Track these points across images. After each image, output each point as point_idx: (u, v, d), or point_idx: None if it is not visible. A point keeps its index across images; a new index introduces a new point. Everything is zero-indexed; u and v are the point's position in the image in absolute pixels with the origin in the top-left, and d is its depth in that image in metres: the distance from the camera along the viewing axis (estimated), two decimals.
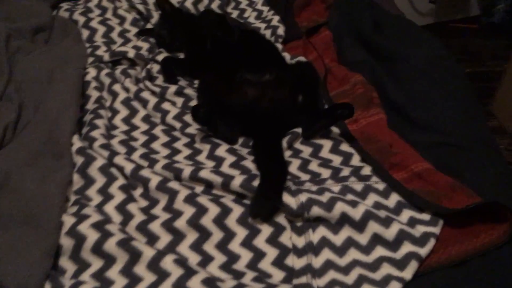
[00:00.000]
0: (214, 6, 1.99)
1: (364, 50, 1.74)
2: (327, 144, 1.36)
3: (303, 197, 1.11)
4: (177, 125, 1.42)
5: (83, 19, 1.84)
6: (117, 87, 1.52)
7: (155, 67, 1.71)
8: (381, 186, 1.21)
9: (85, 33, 1.80)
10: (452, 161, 1.28)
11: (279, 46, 1.77)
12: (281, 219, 1.13)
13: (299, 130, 1.39)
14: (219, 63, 1.57)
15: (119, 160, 1.24)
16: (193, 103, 1.54)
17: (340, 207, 1.10)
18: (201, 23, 1.73)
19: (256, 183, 1.15)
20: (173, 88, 1.57)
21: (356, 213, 1.09)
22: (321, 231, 1.10)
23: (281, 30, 1.84)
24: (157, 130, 1.42)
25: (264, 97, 1.41)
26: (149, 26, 1.93)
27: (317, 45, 1.79)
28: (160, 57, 1.73)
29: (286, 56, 1.71)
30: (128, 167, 1.22)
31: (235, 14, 2.05)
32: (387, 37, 1.79)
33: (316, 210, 1.09)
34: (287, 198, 1.11)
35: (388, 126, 1.38)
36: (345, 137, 1.38)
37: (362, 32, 1.81)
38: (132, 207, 1.14)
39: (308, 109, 1.41)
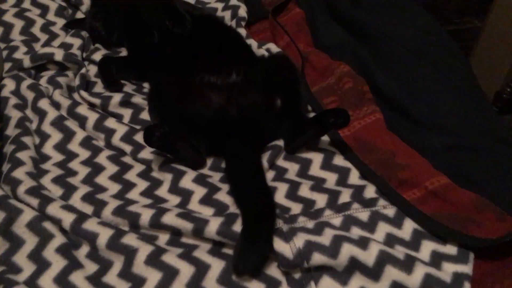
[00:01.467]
0: None
1: (342, 29, 1.49)
2: (316, 158, 1.12)
3: (299, 241, 0.88)
4: (127, 148, 1.14)
5: None
6: (44, 103, 1.21)
7: (92, 70, 1.40)
8: (391, 211, 0.99)
9: None
10: (468, 168, 1.07)
11: (243, 31, 1.49)
12: (274, 271, 0.90)
13: (280, 142, 1.14)
14: (171, 61, 1.28)
15: (53, 209, 0.96)
16: (145, 114, 1.25)
17: (347, 250, 0.88)
18: (143, 9, 1.41)
19: (237, 226, 0.90)
20: (117, 97, 1.28)
21: (369, 257, 0.87)
22: (326, 283, 0.87)
23: (242, 11, 1.56)
24: (102, 158, 1.14)
25: (231, 103, 1.15)
26: (79, 15, 1.59)
27: (288, 27, 1.53)
28: (97, 57, 1.42)
29: (253, 44, 1.43)
30: (67, 219, 0.94)
31: None
32: (367, 12, 1.54)
33: (317, 258, 0.87)
34: (279, 244, 0.88)
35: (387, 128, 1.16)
36: (337, 146, 1.15)
37: (338, 6, 1.55)
38: (76, 278, 0.87)
39: (289, 114, 1.16)
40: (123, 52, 1.47)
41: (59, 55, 1.33)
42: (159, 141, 1.03)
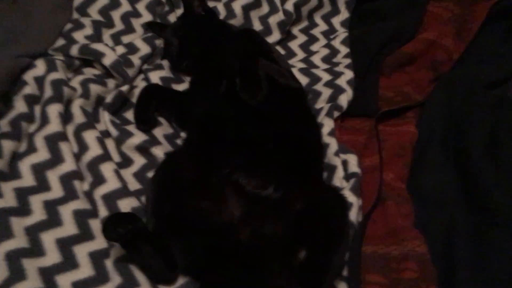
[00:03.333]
0: (273, 21, 1.39)
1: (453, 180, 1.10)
2: None
3: None
4: (103, 211, 0.90)
5: None
6: (53, 110, 1.02)
7: (140, 87, 1.18)
8: None
9: None
10: None
11: (329, 123, 1.16)
12: None
13: None
14: (215, 125, 1.01)
15: None
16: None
17: None
18: (227, 51, 1.15)
19: None
20: (138, 137, 1.05)
21: None
22: None
23: (344, 98, 1.22)
24: (68, 210, 0.91)
25: (247, 223, 0.86)
26: (171, 19, 1.38)
27: (387, 145, 1.17)
28: (154, 76, 1.20)
29: (331, 145, 1.10)
30: None
31: (298, 39, 1.45)
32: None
33: None
34: None
35: None
36: None
37: (469, 154, 1.13)
38: None
39: (307, 277, 0.84)
40: (185, 83, 1.23)
41: (109, 58, 1.14)
42: (121, 239, 0.78)
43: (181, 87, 1.24)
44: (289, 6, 1.41)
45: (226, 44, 1.18)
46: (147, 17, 1.35)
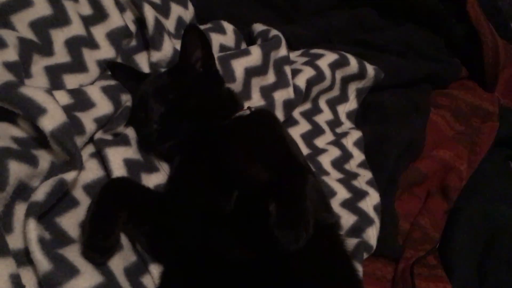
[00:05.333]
0: (279, 98, 1.04)
1: None
2: None
3: None
4: None
5: None
6: None
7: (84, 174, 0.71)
8: None
9: None
10: None
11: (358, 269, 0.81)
12: None
13: None
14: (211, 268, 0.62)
15: None
16: None
17: None
18: (242, 139, 0.77)
19: None
20: (85, 279, 0.58)
21: None
22: None
23: (373, 235, 0.92)
24: None
25: None
26: (139, 60, 0.94)
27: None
28: (113, 154, 0.74)
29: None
30: None
31: (301, 127, 1.12)
32: None
33: None
34: None
35: None
36: None
37: None
38: None
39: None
40: (160, 174, 0.79)
41: (52, 119, 0.66)
42: None
43: (154, 178, 0.80)
44: (301, 82, 1.07)
45: (240, 130, 0.80)
46: (106, 50, 0.89)
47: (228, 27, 1.11)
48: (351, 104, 1.21)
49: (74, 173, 0.68)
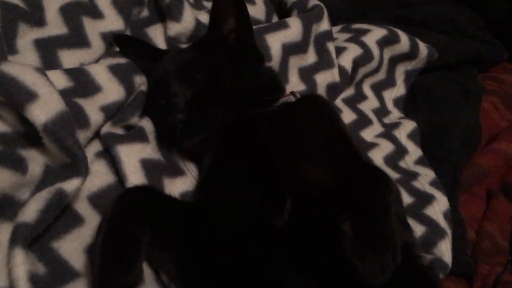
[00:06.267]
0: (323, 81, 0.86)
1: None
2: None
3: None
4: None
5: None
6: None
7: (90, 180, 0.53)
8: None
9: None
10: None
11: None
12: None
13: None
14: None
15: None
16: None
17: None
18: (293, 132, 0.60)
19: None
20: None
21: None
22: None
23: (447, 250, 0.76)
24: None
25: None
26: (151, 34, 0.76)
27: None
28: (126, 152, 0.56)
29: None
30: None
31: (345, 116, 0.93)
32: None
33: None
34: None
35: None
36: None
37: None
38: None
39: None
40: (186, 179, 0.62)
41: (46, 108, 0.48)
42: None
43: (180, 184, 0.62)
44: (347, 62, 0.89)
45: (288, 120, 0.62)
46: (112, 20, 0.70)
47: None
48: (399, 89, 1.03)
49: (77, 181, 0.50)
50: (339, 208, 0.51)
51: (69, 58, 0.64)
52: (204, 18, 0.80)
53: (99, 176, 0.57)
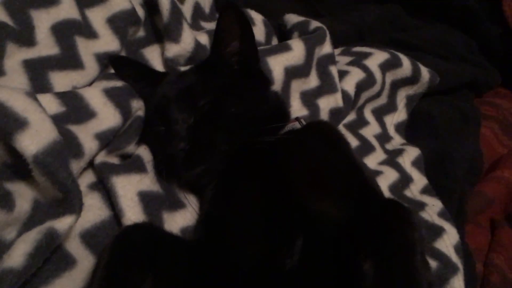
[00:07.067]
0: (326, 106, 0.83)
1: None
2: None
3: None
4: None
5: None
6: None
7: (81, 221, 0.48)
8: None
9: None
10: None
11: None
12: None
13: None
14: None
15: None
16: None
17: None
18: (302, 163, 0.56)
19: None
20: None
21: None
22: None
23: (460, 286, 0.69)
24: None
25: None
26: (148, 55, 0.71)
27: None
28: (123, 185, 0.51)
29: None
30: None
31: None
32: None
33: None
34: None
35: None
36: None
37: None
38: None
39: None
40: (187, 213, 0.57)
41: (36, 137, 0.43)
42: None
43: (180, 219, 0.57)
44: (350, 86, 0.86)
45: (297, 149, 0.58)
46: (107, 40, 0.66)
47: (257, 17, 0.90)
48: (400, 114, 1.01)
49: (70, 219, 0.45)
50: (358, 247, 0.48)
51: (61, 80, 0.59)
52: (203, 39, 0.77)
53: (93, 210, 0.52)
